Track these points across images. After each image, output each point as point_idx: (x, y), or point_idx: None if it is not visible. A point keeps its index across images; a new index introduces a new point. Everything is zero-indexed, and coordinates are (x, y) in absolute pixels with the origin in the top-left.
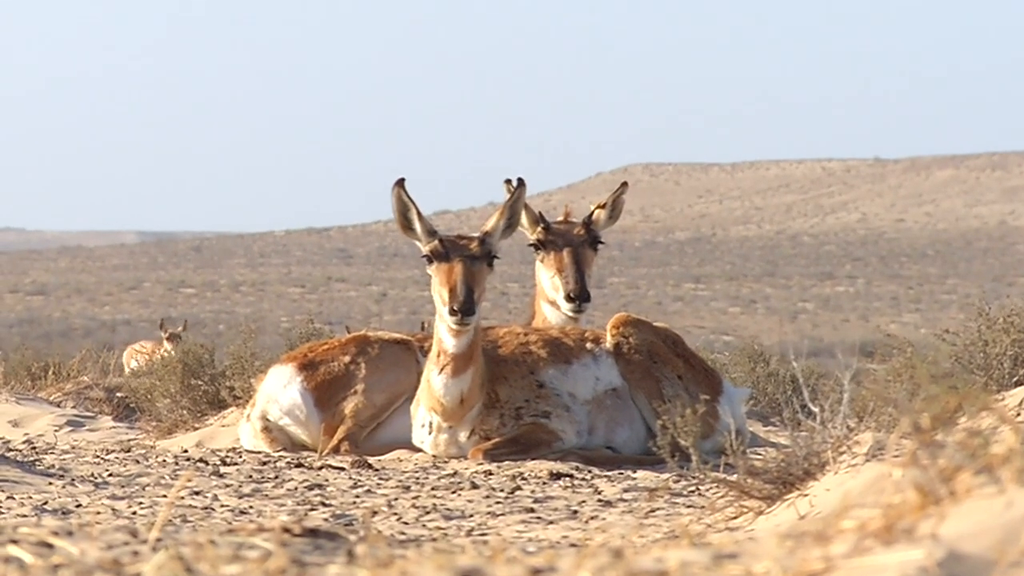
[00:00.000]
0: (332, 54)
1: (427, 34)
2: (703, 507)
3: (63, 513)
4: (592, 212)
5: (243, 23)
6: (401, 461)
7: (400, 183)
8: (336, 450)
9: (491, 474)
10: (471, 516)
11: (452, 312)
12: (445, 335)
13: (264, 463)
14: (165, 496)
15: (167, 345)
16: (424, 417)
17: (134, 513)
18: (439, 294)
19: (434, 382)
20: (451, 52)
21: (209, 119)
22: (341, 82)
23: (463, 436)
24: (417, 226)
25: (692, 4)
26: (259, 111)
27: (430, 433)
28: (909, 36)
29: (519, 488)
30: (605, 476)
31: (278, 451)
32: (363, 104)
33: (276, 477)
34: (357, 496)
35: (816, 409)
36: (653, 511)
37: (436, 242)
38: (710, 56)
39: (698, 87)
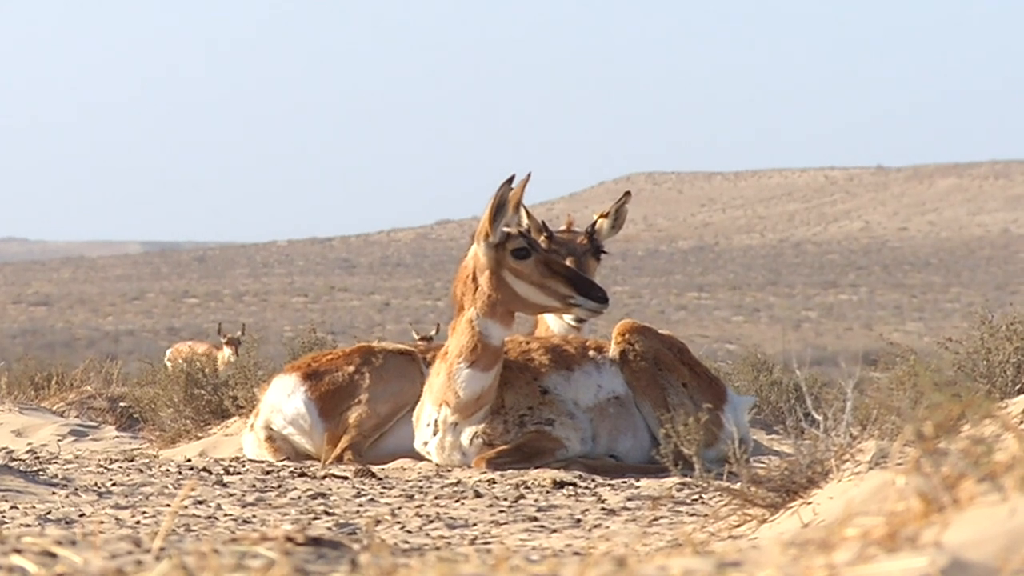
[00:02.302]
0: (334, 65)
1: (429, 44)
2: (706, 515)
3: (67, 523)
4: (595, 221)
5: (246, 35)
6: (404, 470)
7: (509, 182)
8: (340, 459)
9: (494, 483)
10: (475, 525)
11: (603, 299)
12: (495, 329)
13: (268, 472)
14: (169, 505)
15: (227, 351)
16: (430, 415)
17: (138, 522)
18: (554, 286)
19: (459, 374)
20: (452, 62)
21: (212, 130)
22: (342, 92)
23: (466, 439)
24: (499, 224)
25: (695, 13)
26: (262, 122)
27: (435, 433)
28: (912, 45)
29: (522, 497)
30: (608, 485)
31: (281, 460)
32: (365, 114)
33: (279, 486)
34: (360, 505)
35: (819, 417)
36: (656, 519)
37: (522, 237)
38: (713, 65)
39: (701, 96)
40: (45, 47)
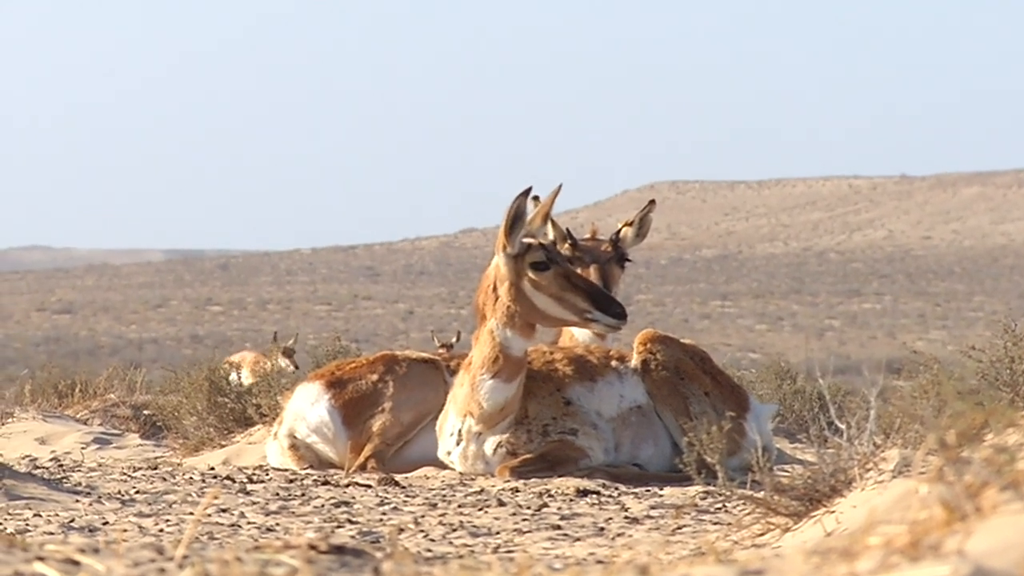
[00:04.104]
0: (357, 73)
1: (452, 53)
2: (730, 524)
3: (90, 530)
4: (619, 230)
5: (268, 42)
6: (428, 479)
7: (525, 194)
8: (363, 467)
9: (518, 491)
10: (498, 533)
11: (620, 315)
12: (515, 340)
13: (291, 480)
14: (192, 513)
15: (282, 361)
16: (454, 425)
17: (161, 530)
18: (572, 299)
19: (482, 385)
20: (476, 70)
21: (235, 137)
22: (367, 100)
23: (489, 449)
24: (518, 235)
25: (718, 23)
26: (285, 129)
27: (458, 443)
28: (935, 53)
29: (546, 505)
30: (632, 493)
31: (305, 468)
32: (388, 122)
33: (303, 494)
34: (384, 513)
35: (843, 426)
36: (680, 528)
37: (543, 249)
38: (736, 73)
39: (724, 104)
40: (68, 57)
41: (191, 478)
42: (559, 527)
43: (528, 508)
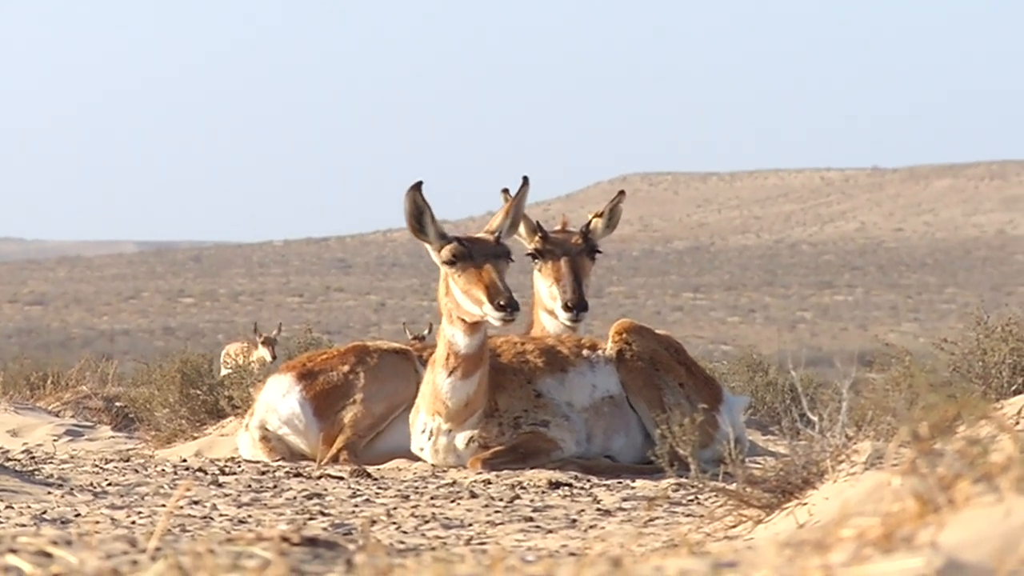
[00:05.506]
0: (330, 66)
1: (424, 46)
2: (702, 516)
3: (62, 522)
4: (590, 221)
5: (241, 34)
6: (400, 470)
7: (417, 187)
8: (335, 459)
9: (490, 483)
10: (470, 525)
11: (502, 308)
12: (459, 336)
13: (263, 472)
14: (164, 505)
15: (263, 351)
16: (424, 422)
17: (133, 522)
18: (475, 293)
19: (441, 384)
20: (448, 62)
21: (208, 129)
22: (338, 92)
23: (461, 443)
24: (430, 230)
25: (690, 14)
26: (258, 121)
27: (429, 439)
28: (907, 46)
29: (518, 497)
30: (604, 485)
31: (277, 460)
32: (361, 115)
33: (275, 486)
34: (356, 505)
35: (815, 418)
36: (652, 520)
37: (455, 244)
38: (709, 65)
39: (697, 96)
40: (40, 46)
41: (163, 470)
42: (531, 519)
43: (500, 500)
